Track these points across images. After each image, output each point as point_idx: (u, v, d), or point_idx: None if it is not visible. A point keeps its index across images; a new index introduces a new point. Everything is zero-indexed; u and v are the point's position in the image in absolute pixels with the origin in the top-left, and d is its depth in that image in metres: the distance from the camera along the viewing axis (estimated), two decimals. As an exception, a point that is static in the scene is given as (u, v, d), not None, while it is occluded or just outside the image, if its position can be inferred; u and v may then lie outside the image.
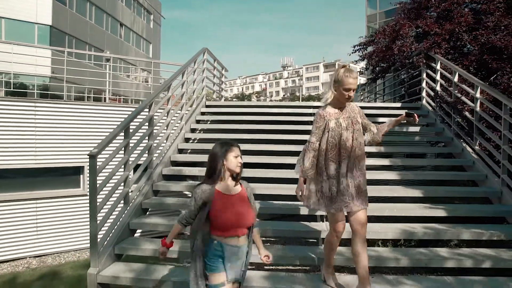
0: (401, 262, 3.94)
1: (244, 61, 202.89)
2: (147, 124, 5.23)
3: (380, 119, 7.26)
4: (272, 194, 5.20)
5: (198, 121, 7.59)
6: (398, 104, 8.26)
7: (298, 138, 6.82)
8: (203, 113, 8.00)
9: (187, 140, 6.88)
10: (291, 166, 6.12)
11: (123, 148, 4.59)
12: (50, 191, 7.81)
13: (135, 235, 4.78)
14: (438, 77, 7.25)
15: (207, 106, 8.35)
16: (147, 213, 5.07)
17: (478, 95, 5.71)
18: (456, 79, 6.48)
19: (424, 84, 7.94)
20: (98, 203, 3.90)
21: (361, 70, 11.54)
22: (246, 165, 6.38)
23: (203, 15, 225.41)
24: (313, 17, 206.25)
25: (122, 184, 4.63)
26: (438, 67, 7.23)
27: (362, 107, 8.68)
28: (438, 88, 7.24)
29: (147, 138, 5.23)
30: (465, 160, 5.84)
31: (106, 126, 7.89)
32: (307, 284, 3.64)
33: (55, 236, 7.73)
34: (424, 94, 7.91)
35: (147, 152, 5.23)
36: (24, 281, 6.18)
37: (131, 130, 4.65)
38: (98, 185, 3.90)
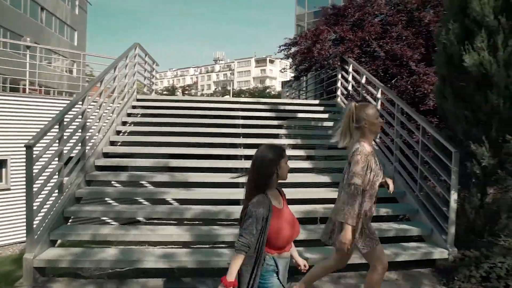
0: (304, 236, 4.64)
1: (177, 53, 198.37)
2: (80, 116, 5.42)
3: (300, 115, 8.10)
4: (204, 182, 5.86)
5: (129, 115, 7.79)
6: (316, 101, 9.19)
7: (226, 131, 7.37)
8: (134, 107, 8.20)
9: (118, 132, 7.08)
10: (218, 157, 6.68)
11: (57, 140, 4.77)
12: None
13: (69, 222, 5.01)
14: (350, 78, 8.22)
15: (138, 100, 8.55)
16: (81, 201, 5.29)
17: (379, 95, 6.69)
18: (363, 80, 7.45)
19: (339, 84, 8.91)
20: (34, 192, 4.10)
21: (285, 68, 12.42)
22: (179, 156, 6.77)
23: (136, 2, 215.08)
24: (247, 11, 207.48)
25: (57, 174, 4.82)
26: (350, 69, 8.21)
27: (286, 103, 9.47)
28: (350, 88, 8.22)
29: (80, 130, 5.43)
30: (368, 151, 6.80)
31: (29, 118, 7.77)
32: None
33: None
34: (339, 92, 8.88)
35: (80, 144, 5.43)
36: None
37: (65, 123, 4.84)
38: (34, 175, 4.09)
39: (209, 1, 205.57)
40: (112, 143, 6.71)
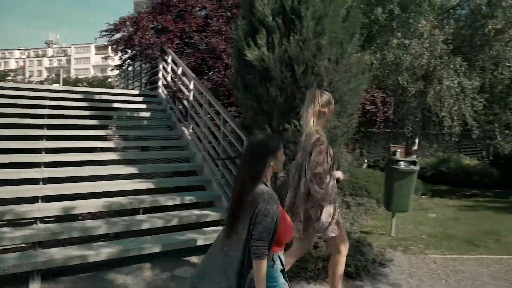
0: (112, 229, 4.56)
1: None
2: None
3: (116, 105, 7.77)
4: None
5: None
6: (137, 92, 8.96)
7: (29, 122, 6.58)
8: None
9: None
10: (18, 151, 5.90)
11: None
12: None
13: None
14: (169, 69, 8.21)
15: None
16: None
17: (191, 86, 6.86)
18: (180, 71, 7.53)
19: (160, 75, 8.82)
20: None
21: (109, 55, 11.78)
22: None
23: None
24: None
25: None
26: (169, 60, 8.20)
27: (105, 93, 8.95)
28: (169, 78, 8.22)
29: None
30: (183, 141, 6.95)
31: None
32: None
33: None
34: (160, 83, 8.80)
35: None
36: None
37: None
38: None
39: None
40: None
